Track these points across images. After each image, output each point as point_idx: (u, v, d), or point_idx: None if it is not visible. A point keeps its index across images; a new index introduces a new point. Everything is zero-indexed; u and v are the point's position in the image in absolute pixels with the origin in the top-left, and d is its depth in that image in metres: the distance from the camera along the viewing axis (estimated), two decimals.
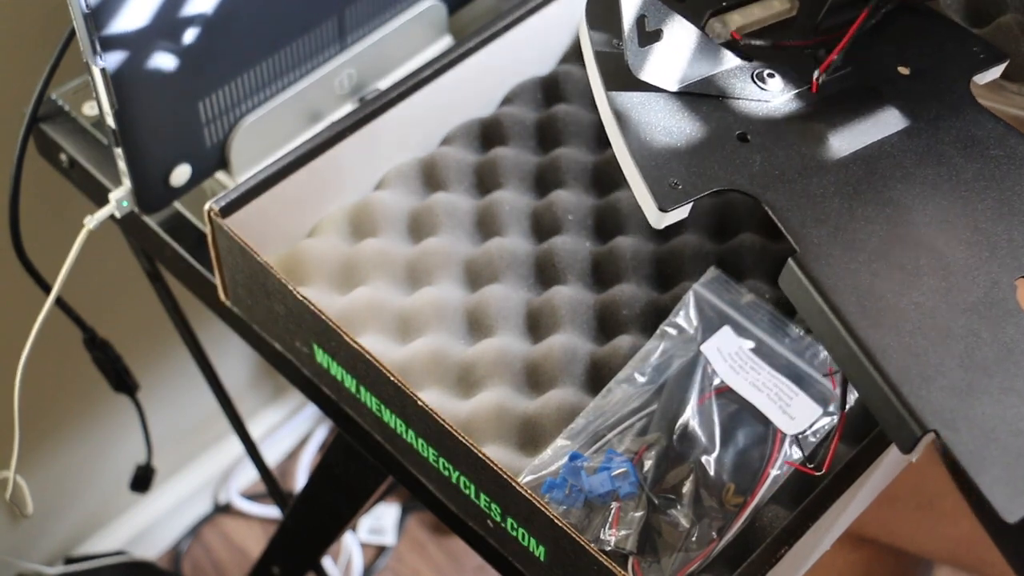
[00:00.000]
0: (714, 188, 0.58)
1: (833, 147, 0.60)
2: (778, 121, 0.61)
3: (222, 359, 1.15)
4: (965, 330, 0.53)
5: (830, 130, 0.60)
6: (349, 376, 0.65)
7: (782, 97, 0.62)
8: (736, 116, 0.61)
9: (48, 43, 0.76)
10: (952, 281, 0.55)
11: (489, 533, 0.63)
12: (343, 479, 0.90)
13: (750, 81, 0.63)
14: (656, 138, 0.59)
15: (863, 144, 0.61)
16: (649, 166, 0.58)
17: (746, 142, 0.60)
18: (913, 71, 0.64)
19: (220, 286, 0.72)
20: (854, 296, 0.53)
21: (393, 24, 0.79)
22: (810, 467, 0.61)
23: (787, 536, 0.58)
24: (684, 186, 0.57)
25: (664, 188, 0.57)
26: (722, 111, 0.61)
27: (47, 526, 1.26)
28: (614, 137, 0.60)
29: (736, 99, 0.62)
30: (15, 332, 0.82)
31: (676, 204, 0.57)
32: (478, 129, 0.79)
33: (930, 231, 0.57)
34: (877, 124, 0.62)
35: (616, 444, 0.63)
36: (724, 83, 0.62)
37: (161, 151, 0.71)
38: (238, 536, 1.45)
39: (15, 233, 0.82)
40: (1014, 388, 0.51)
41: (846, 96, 0.63)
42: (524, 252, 0.73)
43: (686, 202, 0.57)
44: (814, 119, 0.61)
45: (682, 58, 0.62)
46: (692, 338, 0.66)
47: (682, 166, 0.58)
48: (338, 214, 0.74)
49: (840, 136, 0.60)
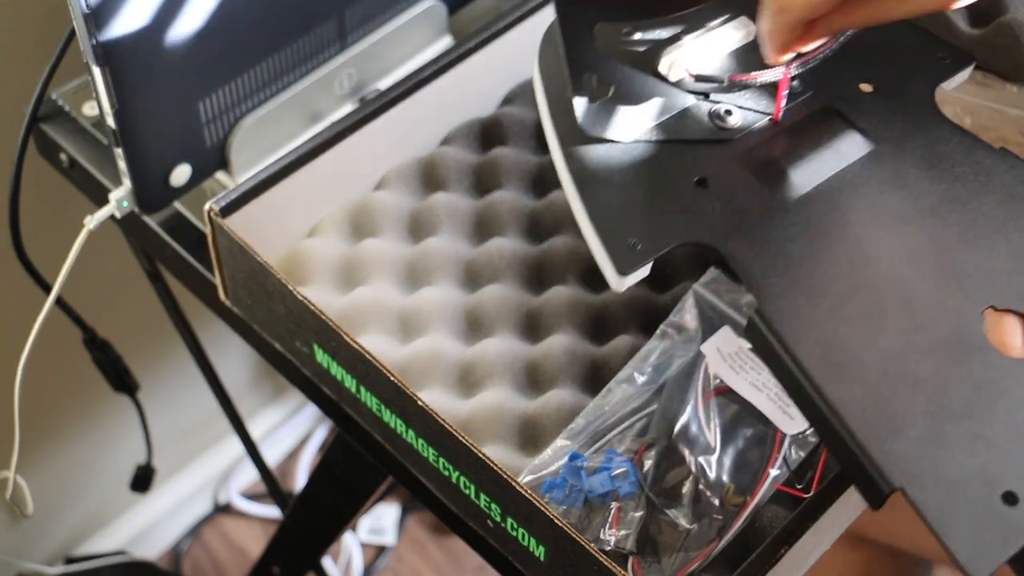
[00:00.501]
0: (672, 244, 0.57)
1: (795, 184, 0.58)
2: (738, 161, 0.60)
3: (222, 359, 1.15)
4: (932, 372, 0.52)
5: (791, 165, 0.59)
6: (349, 376, 0.65)
7: (742, 133, 0.61)
8: (695, 160, 0.60)
9: (48, 43, 0.76)
10: (918, 319, 0.54)
11: (489, 533, 0.63)
12: (343, 479, 0.90)
13: (708, 121, 0.61)
14: (613, 196, 0.58)
15: (825, 177, 0.59)
16: (607, 228, 0.57)
17: (705, 188, 0.58)
18: (876, 87, 0.63)
19: (220, 286, 0.72)
20: (818, 349, 0.52)
21: (393, 24, 0.79)
22: (798, 488, 0.60)
23: (787, 536, 0.58)
24: (643, 245, 0.56)
25: (623, 251, 0.56)
26: (680, 156, 0.60)
27: (47, 526, 1.26)
28: (572, 198, 0.58)
29: (695, 142, 0.60)
30: (15, 332, 0.82)
31: (635, 267, 0.56)
32: (478, 129, 0.79)
33: (895, 266, 0.56)
34: (839, 152, 0.60)
35: (616, 444, 0.63)
36: (681, 126, 0.61)
37: (161, 151, 0.71)
38: (238, 536, 1.45)
39: (15, 233, 0.82)
40: (982, 433, 0.50)
41: (808, 123, 0.61)
42: (524, 252, 0.73)
43: (645, 263, 0.56)
44: (775, 154, 0.60)
45: (635, 107, 0.60)
46: (692, 338, 0.66)
47: (641, 223, 0.57)
48: (338, 214, 0.74)
49: (801, 170, 0.59)
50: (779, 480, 0.62)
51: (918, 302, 0.54)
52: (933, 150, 0.60)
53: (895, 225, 0.57)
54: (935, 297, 0.54)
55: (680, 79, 0.62)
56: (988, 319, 0.53)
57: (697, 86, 0.62)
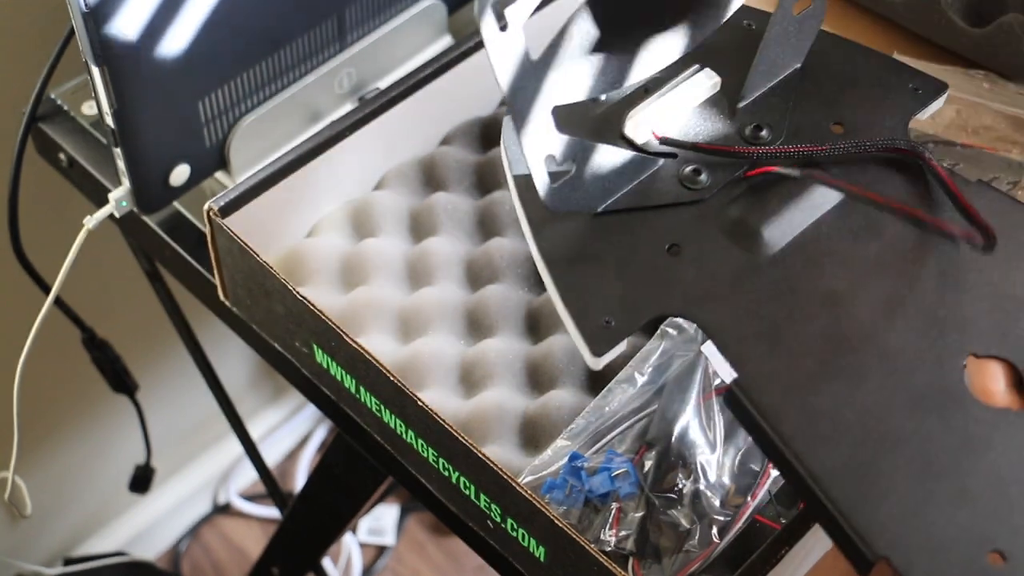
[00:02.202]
0: (646, 319, 0.56)
1: (768, 241, 0.57)
2: (710, 222, 0.59)
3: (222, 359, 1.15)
4: (914, 428, 0.51)
5: (764, 222, 0.57)
6: (349, 376, 0.65)
7: (713, 192, 0.59)
8: (666, 226, 0.58)
9: (48, 43, 0.76)
10: (898, 376, 0.52)
11: (489, 534, 0.63)
12: (343, 479, 0.90)
13: (677, 183, 0.60)
14: (584, 273, 0.57)
15: (799, 229, 0.58)
16: (580, 309, 0.56)
17: (678, 255, 0.57)
18: (847, 128, 0.61)
19: (220, 286, 0.72)
20: (799, 416, 0.51)
21: (393, 24, 0.79)
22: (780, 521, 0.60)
23: (787, 536, 0.58)
24: (616, 323, 0.55)
25: (597, 331, 0.55)
26: (650, 223, 0.59)
27: (46, 527, 1.26)
28: (545, 279, 0.58)
29: (665, 207, 0.59)
30: (14, 332, 0.82)
31: (609, 346, 0.55)
32: (478, 129, 0.79)
33: (874, 318, 0.54)
34: (812, 203, 0.58)
35: (616, 444, 0.63)
36: (650, 191, 0.59)
37: (160, 151, 0.71)
38: (237, 536, 1.45)
39: (14, 233, 0.82)
40: (968, 489, 0.49)
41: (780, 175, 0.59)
42: (524, 252, 0.73)
43: (619, 341, 0.55)
44: (747, 211, 0.58)
45: (601, 177, 0.59)
46: (692, 338, 0.66)
47: (614, 299, 0.56)
48: (338, 214, 0.74)
49: (774, 226, 0.57)
50: (780, 480, 0.62)
51: (898, 355, 0.53)
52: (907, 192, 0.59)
53: (871, 275, 0.56)
54: (915, 347, 0.53)
55: (646, 141, 0.61)
56: (970, 366, 0.52)
57: (663, 148, 0.61)
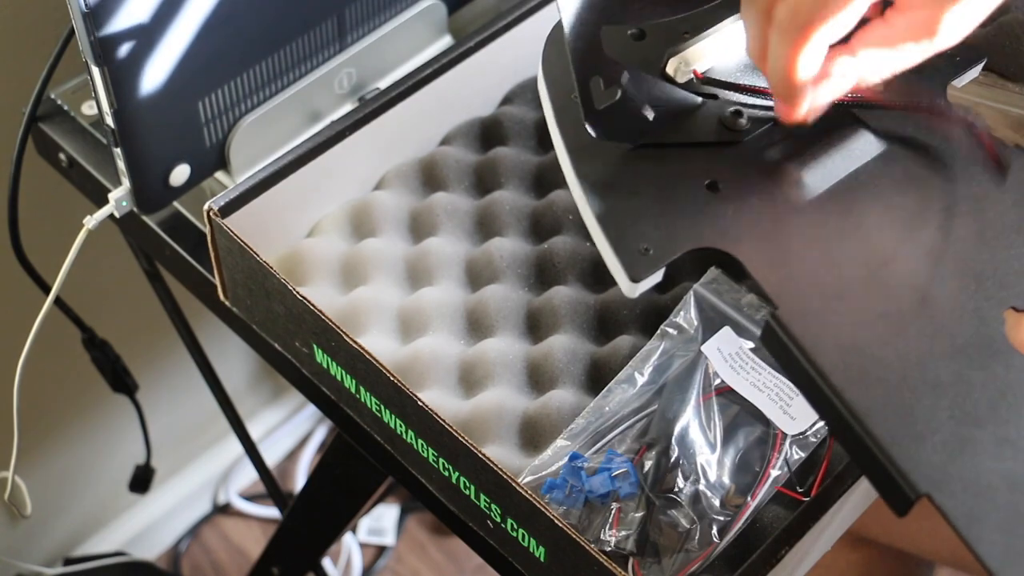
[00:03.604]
0: (685, 249, 0.55)
1: (808, 185, 0.57)
2: (749, 163, 0.59)
3: (222, 359, 1.15)
4: (955, 376, 0.51)
5: (804, 167, 0.58)
6: (349, 376, 0.65)
7: (753, 134, 0.59)
8: (705, 164, 0.58)
9: (47, 43, 0.76)
10: (938, 323, 0.53)
11: (489, 534, 0.63)
12: (343, 479, 0.90)
13: (717, 123, 0.60)
14: (623, 201, 0.57)
15: (838, 178, 0.58)
16: (618, 235, 0.55)
17: (716, 191, 0.57)
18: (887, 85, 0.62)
19: (220, 286, 0.72)
20: (837, 353, 0.51)
21: (393, 24, 0.79)
22: (799, 491, 0.60)
23: (787, 536, 0.58)
24: (655, 251, 0.55)
25: (634, 257, 0.55)
26: (690, 160, 0.59)
27: (46, 527, 1.26)
28: (581, 204, 0.57)
29: (704, 145, 0.59)
30: (14, 332, 0.82)
31: (647, 272, 0.55)
32: (478, 129, 0.79)
33: (913, 267, 0.55)
34: (852, 152, 0.59)
35: (616, 444, 0.63)
36: (690, 129, 0.59)
37: (160, 151, 0.71)
38: (237, 536, 1.45)
39: (14, 233, 0.82)
40: (1008, 438, 0.49)
41: (820, 123, 0.59)
42: (524, 252, 0.73)
43: (657, 269, 0.55)
44: (787, 156, 0.59)
45: (643, 110, 0.59)
46: (692, 338, 0.66)
47: (652, 227, 0.56)
48: (338, 214, 0.74)
49: (814, 172, 0.58)
50: (780, 481, 0.62)
51: (937, 304, 0.53)
52: (946, 148, 0.59)
53: (911, 226, 0.56)
54: (954, 299, 0.53)
55: (688, 80, 0.61)
56: (1008, 320, 0.53)
57: (705, 88, 0.61)
